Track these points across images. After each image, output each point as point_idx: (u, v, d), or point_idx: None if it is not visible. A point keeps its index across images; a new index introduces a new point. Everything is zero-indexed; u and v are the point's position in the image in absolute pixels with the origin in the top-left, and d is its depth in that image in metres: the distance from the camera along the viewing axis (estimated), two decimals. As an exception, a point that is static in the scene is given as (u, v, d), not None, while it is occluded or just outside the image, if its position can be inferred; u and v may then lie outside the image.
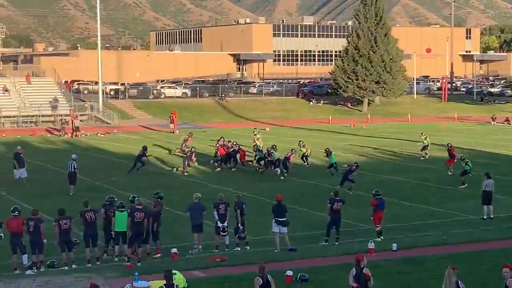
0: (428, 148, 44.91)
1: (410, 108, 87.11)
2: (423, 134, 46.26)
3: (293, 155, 38.75)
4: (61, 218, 20.23)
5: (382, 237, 23.36)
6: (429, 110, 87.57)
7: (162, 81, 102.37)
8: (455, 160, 38.07)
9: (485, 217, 27.00)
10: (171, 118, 63.49)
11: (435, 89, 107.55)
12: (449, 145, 40.04)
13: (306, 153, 41.11)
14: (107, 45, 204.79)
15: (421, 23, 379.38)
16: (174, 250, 21.34)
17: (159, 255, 21.54)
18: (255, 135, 46.44)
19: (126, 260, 20.56)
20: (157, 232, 21.83)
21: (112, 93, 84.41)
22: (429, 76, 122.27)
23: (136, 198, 21.78)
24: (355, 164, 34.82)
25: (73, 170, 32.89)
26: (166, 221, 25.12)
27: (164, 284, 14.34)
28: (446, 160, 39.13)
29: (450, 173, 37.73)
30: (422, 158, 44.11)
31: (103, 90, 76.17)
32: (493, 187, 27.47)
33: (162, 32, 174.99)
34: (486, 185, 27.43)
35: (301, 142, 41.63)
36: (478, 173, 37.94)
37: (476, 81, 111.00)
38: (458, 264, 17.85)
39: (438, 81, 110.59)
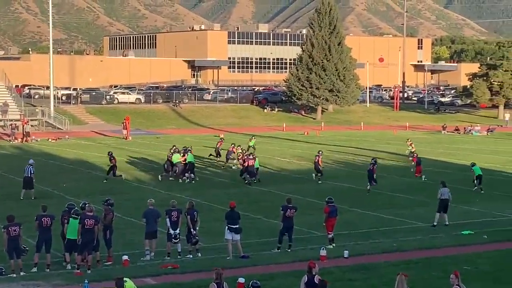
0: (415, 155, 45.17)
1: (363, 116, 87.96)
2: (409, 140, 46.71)
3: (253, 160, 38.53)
4: (10, 225, 19.84)
5: (334, 244, 23.46)
6: (381, 119, 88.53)
7: (115, 86, 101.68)
8: (421, 168, 39.59)
9: (435, 223, 27.31)
10: (124, 124, 62.97)
11: (388, 98, 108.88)
12: (415, 154, 41.07)
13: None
14: (59, 49, 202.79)
15: (374, 32, 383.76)
16: (125, 257, 21.10)
17: (110, 262, 21.30)
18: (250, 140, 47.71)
19: (76, 267, 20.26)
20: (110, 239, 21.60)
21: (64, 98, 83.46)
22: (381, 85, 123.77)
23: (87, 205, 21.49)
24: (373, 161, 36.16)
25: (29, 175, 32.58)
26: (118, 228, 24.86)
27: (116, 292, 14.16)
28: (414, 168, 39.92)
29: (425, 179, 38.56)
30: (412, 170, 44.10)
31: (54, 95, 75.25)
32: (449, 195, 27.80)
33: (116, 37, 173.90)
34: (441, 193, 27.76)
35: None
36: (430, 181, 38.49)
37: (427, 91, 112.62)
38: (409, 271, 18.06)
39: (391, 90, 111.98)
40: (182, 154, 39.17)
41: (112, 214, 21.90)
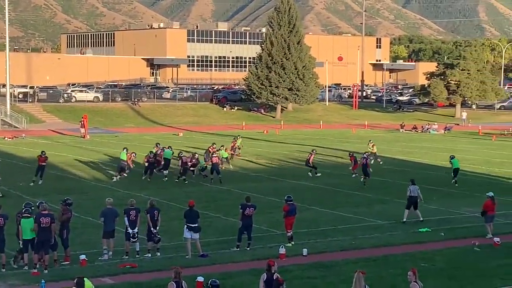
0: (376, 155, 45.44)
1: (322, 115, 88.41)
2: (371, 141, 46.75)
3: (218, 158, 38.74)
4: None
5: (293, 242, 23.52)
6: (340, 117, 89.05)
7: (73, 84, 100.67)
8: (358, 166, 39.76)
9: (404, 219, 27.67)
10: (82, 122, 62.39)
11: (346, 96, 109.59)
12: (350, 153, 41.71)
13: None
14: (16, 47, 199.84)
15: (333, 31, 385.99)
16: (83, 256, 20.91)
17: (67, 262, 21.07)
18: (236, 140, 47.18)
19: (33, 267, 19.99)
20: (67, 239, 21.36)
21: (20, 96, 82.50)
22: (340, 84, 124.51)
23: (43, 204, 21.25)
24: (365, 155, 38.08)
25: None
26: (75, 227, 24.65)
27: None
28: (351, 166, 40.21)
29: (354, 175, 39.31)
30: (381, 162, 44.66)
31: (11, 93, 74.21)
32: (419, 192, 28.14)
33: (74, 35, 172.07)
34: (410, 190, 28.13)
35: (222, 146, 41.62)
36: (388, 179, 38.86)
37: (386, 90, 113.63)
38: (367, 268, 18.20)
39: (349, 88, 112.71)
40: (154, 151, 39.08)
41: (70, 213, 21.67)
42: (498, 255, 22.48)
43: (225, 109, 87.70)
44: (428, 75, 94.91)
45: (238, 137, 50.27)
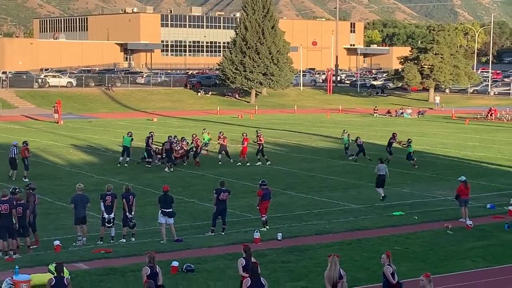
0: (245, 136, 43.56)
1: (296, 99, 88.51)
2: (345, 131, 43.64)
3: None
4: None
5: (267, 227, 23.62)
6: (315, 102, 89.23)
7: (46, 69, 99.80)
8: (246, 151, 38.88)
9: (383, 195, 28.65)
10: (55, 108, 61.96)
11: (321, 81, 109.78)
12: (244, 134, 39.68)
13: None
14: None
15: (307, 16, 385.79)
16: (57, 242, 20.85)
17: (37, 246, 21.06)
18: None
19: (5, 253, 19.91)
20: (33, 223, 21.31)
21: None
22: (315, 69, 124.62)
23: (17, 190, 21.16)
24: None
25: (13, 156, 33.13)
26: (49, 213, 24.58)
27: (55, 277, 14.04)
28: (240, 153, 39.12)
29: (248, 164, 38.33)
30: (350, 158, 41.03)
31: (-17, 79, 73.38)
32: (386, 171, 28.85)
33: (47, 20, 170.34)
34: (379, 169, 28.62)
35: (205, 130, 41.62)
36: (362, 163, 39.10)
37: (360, 74, 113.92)
38: (342, 252, 18.35)
39: (324, 73, 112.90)
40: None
41: (33, 197, 21.58)
42: (470, 238, 22.75)
43: (199, 94, 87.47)
44: (402, 60, 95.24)
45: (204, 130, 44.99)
